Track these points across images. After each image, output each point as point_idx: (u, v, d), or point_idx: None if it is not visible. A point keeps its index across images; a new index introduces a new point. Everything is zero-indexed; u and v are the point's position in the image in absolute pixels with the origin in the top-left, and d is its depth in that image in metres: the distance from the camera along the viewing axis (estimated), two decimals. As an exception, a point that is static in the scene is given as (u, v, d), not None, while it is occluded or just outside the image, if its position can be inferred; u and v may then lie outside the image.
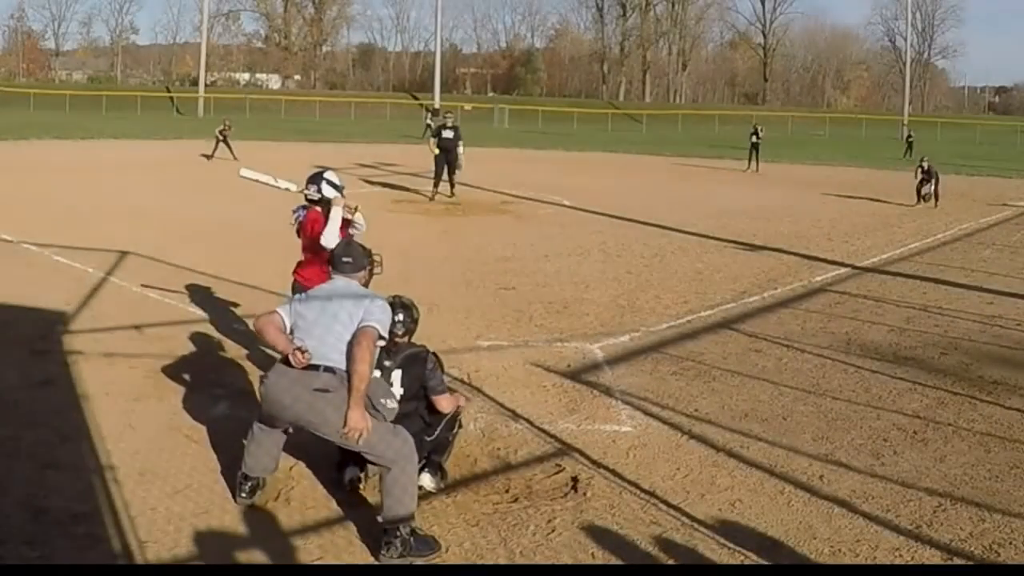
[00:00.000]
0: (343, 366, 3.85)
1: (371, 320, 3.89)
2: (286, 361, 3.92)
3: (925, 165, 18.69)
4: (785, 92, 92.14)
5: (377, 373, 4.27)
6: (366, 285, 4.29)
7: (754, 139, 26.63)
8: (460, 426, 4.71)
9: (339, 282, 4.18)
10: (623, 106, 76.83)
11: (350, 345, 3.85)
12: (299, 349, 3.85)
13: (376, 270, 4.38)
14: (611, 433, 5.26)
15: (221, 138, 24.53)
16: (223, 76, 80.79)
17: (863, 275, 10.72)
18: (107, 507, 4.09)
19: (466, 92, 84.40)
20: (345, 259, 4.23)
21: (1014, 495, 4.51)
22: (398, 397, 4.32)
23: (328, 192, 5.54)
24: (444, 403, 4.44)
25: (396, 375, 4.37)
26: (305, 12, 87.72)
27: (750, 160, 26.67)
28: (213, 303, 8.00)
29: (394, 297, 4.44)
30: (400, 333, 4.38)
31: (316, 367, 3.84)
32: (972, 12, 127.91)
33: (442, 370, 4.54)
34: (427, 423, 4.45)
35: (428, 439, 4.42)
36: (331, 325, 3.91)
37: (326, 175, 5.63)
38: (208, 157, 23.96)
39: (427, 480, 4.36)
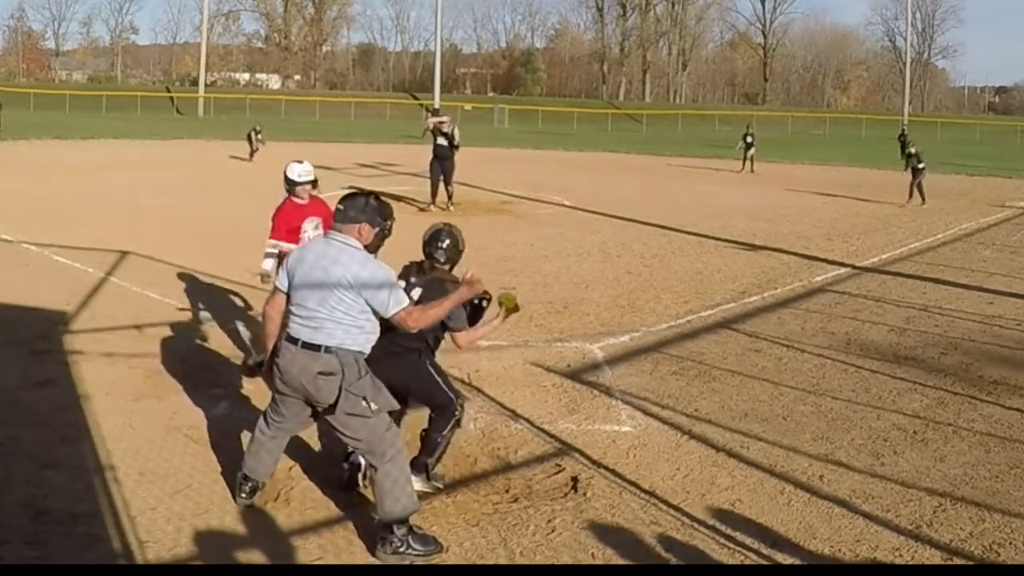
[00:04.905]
0: (346, 343, 3.76)
1: (391, 310, 3.73)
2: (288, 338, 3.85)
3: (914, 150, 18.67)
4: (785, 92, 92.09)
5: (402, 283, 4.19)
6: (376, 249, 3.96)
7: (750, 139, 26.90)
8: (459, 425, 4.67)
9: (331, 250, 3.81)
10: (623, 106, 76.83)
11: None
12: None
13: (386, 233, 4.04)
14: (611, 433, 5.26)
15: (253, 140, 24.52)
16: (223, 76, 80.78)
17: (863, 275, 10.72)
18: (107, 507, 4.09)
19: (466, 92, 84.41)
20: (340, 207, 3.89)
21: (1014, 495, 4.51)
22: None
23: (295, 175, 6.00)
24: (461, 339, 4.33)
25: (416, 294, 4.24)
26: (305, 12, 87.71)
27: (744, 161, 26.90)
28: (213, 303, 8.00)
29: (444, 225, 4.47)
30: (442, 260, 4.37)
31: (317, 347, 3.76)
32: (972, 12, 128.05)
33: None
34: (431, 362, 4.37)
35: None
36: (331, 312, 3.76)
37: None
38: (249, 158, 24.12)
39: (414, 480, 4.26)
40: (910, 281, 10.30)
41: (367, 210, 3.85)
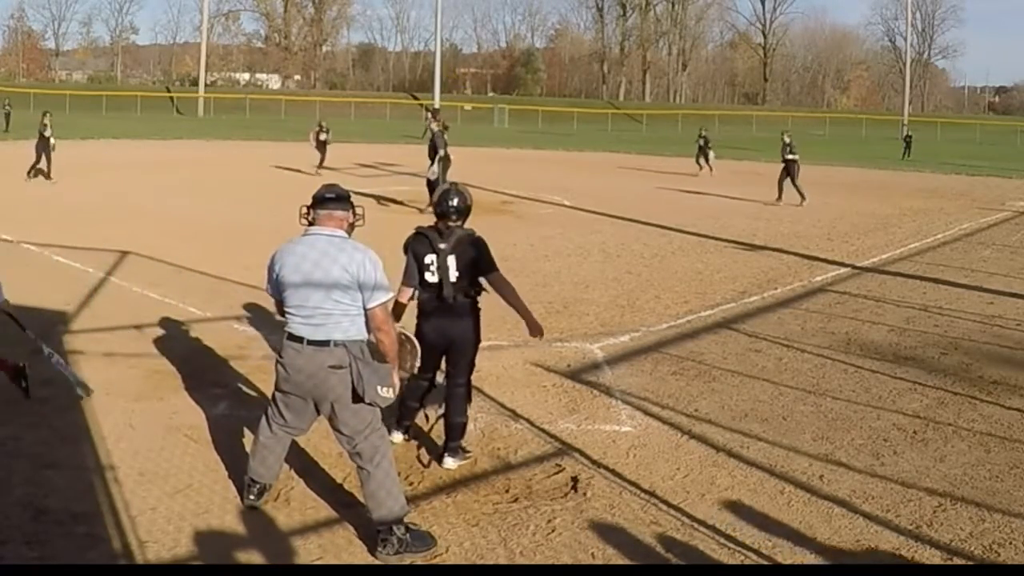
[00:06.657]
0: (353, 334, 3.85)
1: (375, 301, 3.84)
2: (291, 337, 3.89)
3: (787, 139, 17.68)
4: (785, 92, 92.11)
5: (433, 256, 4.57)
6: (349, 233, 4.04)
7: (701, 142, 25.07)
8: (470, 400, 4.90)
9: (332, 248, 3.87)
10: (623, 106, 76.83)
11: (367, 322, 3.89)
12: None
13: (358, 222, 4.15)
14: (611, 433, 5.26)
15: (320, 142, 22.51)
16: (223, 76, 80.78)
17: (863, 275, 10.71)
18: (107, 507, 4.09)
19: (466, 92, 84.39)
20: (322, 203, 3.97)
21: (1014, 495, 4.51)
22: (454, 279, 4.59)
23: None
24: (495, 283, 4.69)
25: (451, 259, 4.60)
26: (305, 12, 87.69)
27: (698, 160, 25.08)
28: (213, 303, 8.00)
29: (451, 184, 4.85)
30: (454, 218, 4.66)
31: (326, 342, 3.82)
32: (972, 12, 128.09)
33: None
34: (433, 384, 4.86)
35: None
36: (336, 304, 3.81)
37: None
38: (319, 166, 21.87)
39: (451, 463, 4.67)
40: (910, 281, 10.30)
41: (344, 201, 4.03)
